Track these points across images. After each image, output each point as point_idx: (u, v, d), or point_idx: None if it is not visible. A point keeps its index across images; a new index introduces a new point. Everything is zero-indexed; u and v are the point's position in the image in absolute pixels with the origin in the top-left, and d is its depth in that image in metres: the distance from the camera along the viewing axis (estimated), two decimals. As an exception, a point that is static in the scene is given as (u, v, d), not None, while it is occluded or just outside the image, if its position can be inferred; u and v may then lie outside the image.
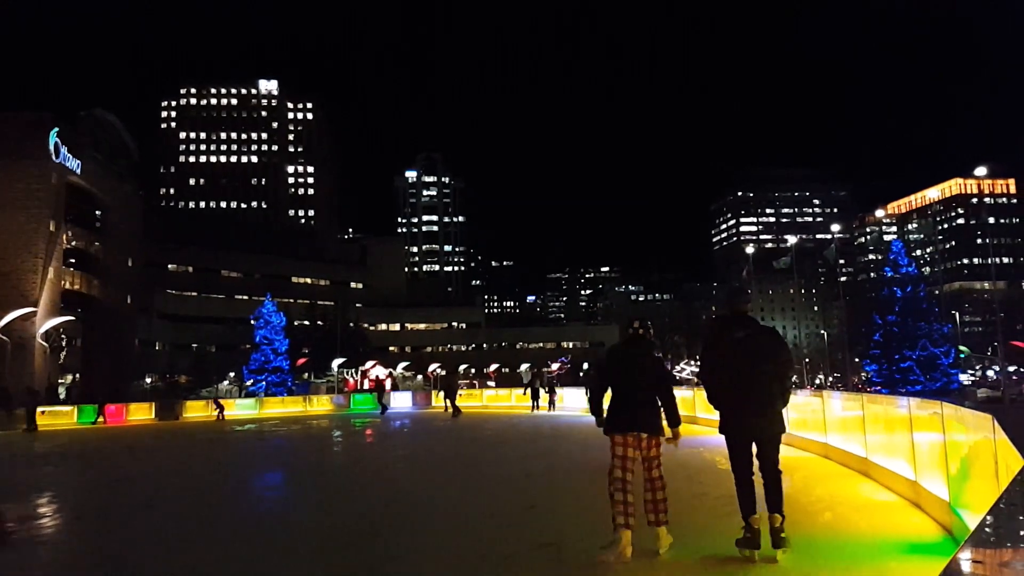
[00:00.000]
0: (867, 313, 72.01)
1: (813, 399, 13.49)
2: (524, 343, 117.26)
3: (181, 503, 10.49)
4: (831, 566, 5.67)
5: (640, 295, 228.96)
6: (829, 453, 11.47)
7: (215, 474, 14.31)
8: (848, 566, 5.67)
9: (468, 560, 6.37)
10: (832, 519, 7.48)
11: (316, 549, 7.07)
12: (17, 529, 8.90)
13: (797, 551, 6.12)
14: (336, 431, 25.05)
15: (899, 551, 6.18)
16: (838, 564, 5.72)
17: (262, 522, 8.97)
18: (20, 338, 47.55)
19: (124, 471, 14.97)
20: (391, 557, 6.64)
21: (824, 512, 7.77)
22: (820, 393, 13.81)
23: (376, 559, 6.57)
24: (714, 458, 12.48)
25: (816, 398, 13.32)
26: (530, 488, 10.42)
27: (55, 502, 11.14)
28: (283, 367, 62.32)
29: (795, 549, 6.15)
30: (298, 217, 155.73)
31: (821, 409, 12.28)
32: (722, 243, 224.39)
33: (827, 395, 13.06)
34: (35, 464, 17.16)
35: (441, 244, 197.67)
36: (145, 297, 73.55)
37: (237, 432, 26.85)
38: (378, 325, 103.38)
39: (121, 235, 63.84)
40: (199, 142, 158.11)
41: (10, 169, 49.98)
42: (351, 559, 6.61)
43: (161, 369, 76.85)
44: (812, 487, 9.36)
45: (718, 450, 13.41)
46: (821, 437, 12.00)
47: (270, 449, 20.52)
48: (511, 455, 15.75)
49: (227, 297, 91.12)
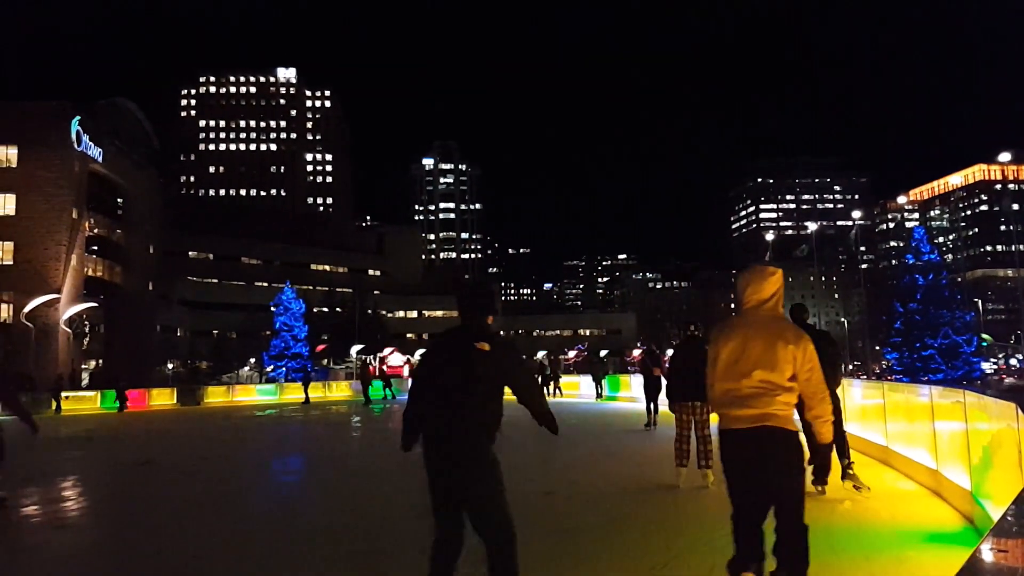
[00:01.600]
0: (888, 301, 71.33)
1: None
2: (541, 330, 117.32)
3: (201, 488, 10.60)
4: (851, 555, 5.63)
5: (657, 283, 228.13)
6: (849, 442, 11.38)
7: (235, 459, 14.45)
8: (868, 555, 5.63)
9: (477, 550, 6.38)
10: (851, 508, 7.43)
11: (331, 535, 7.12)
12: (9, 497, 9.11)
13: (816, 541, 6.09)
14: (355, 417, 25.22)
15: (920, 540, 6.13)
16: (857, 553, 5.68)
17: (279, 508, 9.05)
18: (44, 324, 48.23)
19: (146, 456, 15.14)
20: (405, 543, 6.67)
21: (844, 501, 7.72)
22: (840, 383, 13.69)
23: (390, 544, 6.61)
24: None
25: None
26: (547, 475, 10.44)
27: (79, 486, 11.29)
28: (303, 353, 62.79)
29: (814, 538, 6.12)
30: (316, 205, 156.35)
31: (841, 397, 12.18)
32: (741, 230, 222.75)
33: (847, 383, 12.95)
34: (60, 448, 17.40)
35: (458, 231, 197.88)
36: (166, 284, 74.26)
37: (258, 418, 27.13)
38: (396, 312, 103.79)
39: (142, 222, 64.40)
40: (218, 130, 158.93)
41: (33, 158, 50.54)
42: (365, 545, 6.64)
43: (182, 355, 77.60)
44: (831, 476, 9.30)
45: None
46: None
47: (289, 435, 20.69)
48: (528, 442, 15.78)
49: (247, 284, 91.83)
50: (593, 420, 20.27)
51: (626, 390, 28.35)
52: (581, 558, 5.81)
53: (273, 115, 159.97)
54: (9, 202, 50.95)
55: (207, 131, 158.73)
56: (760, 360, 4.09)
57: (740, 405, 4.09)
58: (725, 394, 4.18)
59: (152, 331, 68.27)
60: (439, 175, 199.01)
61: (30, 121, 50.26)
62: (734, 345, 4.20)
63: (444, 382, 4.12)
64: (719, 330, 4.40)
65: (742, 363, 4.13)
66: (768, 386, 4.05)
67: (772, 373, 4.05)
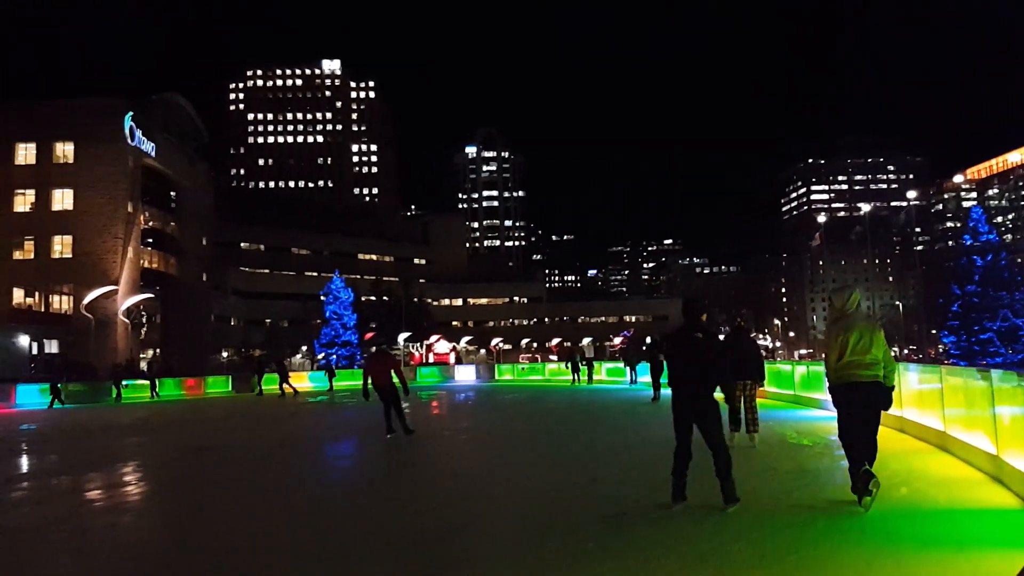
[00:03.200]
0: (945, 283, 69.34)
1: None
2: (586, 317, 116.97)
3: (257, 472, 10.86)
4: (908, 542, 5.54)
5: (705, 268, 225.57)
6: (904, 427, 11.18)
7: (289, 445, 14.74)
8: (926, 542, 5.52)
9: (530, 531, 6.44)
10: (908, 494, 7.29)
11: (381, 520, 7.24)
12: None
13: (872, 527, 6.00)
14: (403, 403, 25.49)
15: (980, 526, 5.99)
16: (915, 540, 5.58)
17: (330, 492, 9.23)
18: (103, 315, 49.73)
19: (203, 441, 15.56)
20: (453, 528, 6.75)
21: (900, 487, 7.57)
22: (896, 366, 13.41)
23: (439, 530, 6.69)
24: (784, 432, 12.30)
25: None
26: (593, 461, 10.45)
27: (139, 471, 11.66)
28: (352, 341, 63.79)
29: (871, 525, 6.03)
30: (362, 195, 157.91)
31: (897, 382, 11.94)
32: (791, 212, 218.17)
33: (903, 367, 12.67)
34: (120, 435, 17.98)
35: (501, 219, 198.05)
36: (219, 274, 76.00)
37: (310, 404, 27.65)
38: (441, 300, 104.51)
39: (195, 215, 65.88)
40: (266, 123, 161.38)
41: (88, 153, 51.98)
42: (414, 529, 6.74)
43: (237, 343, 79.38)
44: (887, 462, 9.11)
45: (789, 424, 13.24)
46: (896, 411, 11.68)
47: (341, 420, 21.04)
48: (575, 429, 15.80)
49: (297, 274, 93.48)
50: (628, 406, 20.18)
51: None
52: (630, 544, 5.81)
53: (319, 107, 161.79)
54: (67, 197, 52.55)
55: (255, 124, 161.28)
56: (876, 343, 6.72)
57: (864, 368, 6.66)
58: (852, 363, 6.68)
59: (207, 320, 69.92)
60: (482, 163, 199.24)
61: (85, 118, 51.63)
62: (856, 334, 6.70)
63: (684, 357, 6.89)
64: (840, 326, 6.82)
65: (863, 344, 6.68)
66: (876, 359, 6.70)
67: (877, 351, 6.72)
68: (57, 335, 47.74)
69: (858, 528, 5.95)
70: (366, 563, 5.73)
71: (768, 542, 5.64)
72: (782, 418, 14.35)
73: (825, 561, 5.15)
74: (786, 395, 17.74)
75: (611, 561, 5.35)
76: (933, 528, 5.93)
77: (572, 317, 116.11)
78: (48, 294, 52.75)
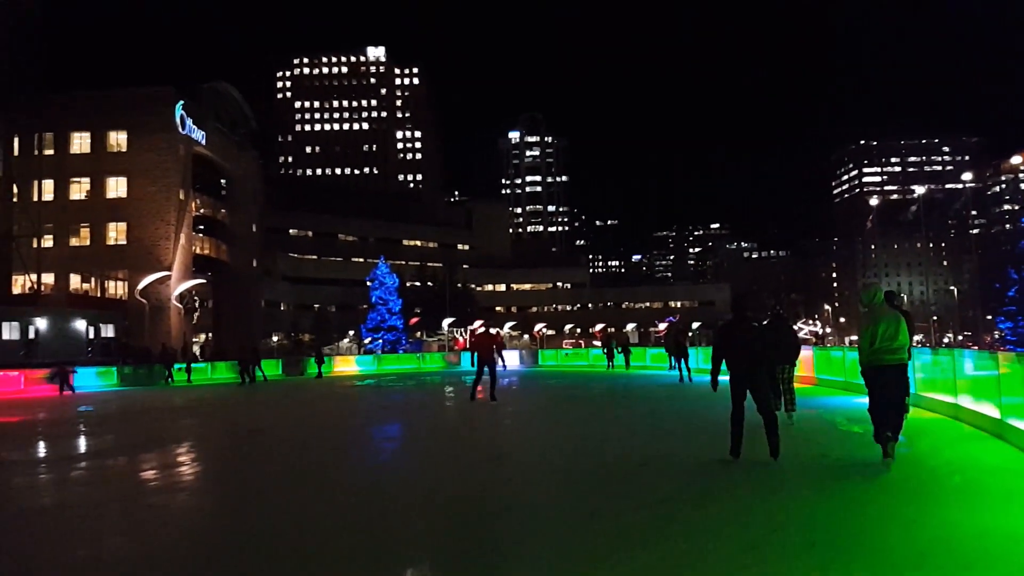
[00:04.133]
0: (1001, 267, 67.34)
1: (942, 358, 12.82)
2: (630, 303, 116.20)
3: (305, 453, 11.06)
4: (963, 531, 5.40)
5: (753, 252, 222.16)
6: (959, 415, 10.91)
7: (338, 426, 14.98)
8: (981, 532, 5.38)
9: (576, 515, 6.45)
10: (962, 483, 7.13)
11: (426, 502, 7.31)
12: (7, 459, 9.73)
13: (927, 516, 5.87)
14: (448, 387, 25.74)
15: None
16: (970, 529, 5.45)
17: (377, 474, 9.35)
18: (156, 300, 51.01)
19: (255, 423, 15.91)
20: (498, 511, 6.79)
21: (953, 475, 7.41)
22: (950, 352, 13.08)
23: (483, 513, 6.74)
24: (834, 419, 12.10)
25: (945, 357, 12.64)
26: (638, 447, 10.40)
27: (193, 451, 11.96)
28: (397, 326, 64.49)
29: (924, 513, 5.91)
30: (407, 181, 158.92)
31: (951, 369, 11.66)
32: (843, 195, 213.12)
33: (958, 354, 12.35)
34: (174, 417, 18.46)
35: (545, 204, 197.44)
36: (268, 260, 77.42)
37: (358, 387, 28.09)
38: (484, 286, 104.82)
39: (244, 202, 67.09)
40: (312, 111, 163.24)
41: (140, 142, 53.22)
42: (459, 512, 6.81)
43: (286, 328, 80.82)
44: (941, 450, 8.95)
45: (839, 411, 13.01)
46: (950, 398, 11.43)
47: (387, 404, 21.30)
48: (619, 414, 15.76)
49: (344, 260, 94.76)
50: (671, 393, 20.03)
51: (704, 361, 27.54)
52: (679, 529, 5.79)
53: (364, 94, 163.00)
54: (121, 185, 53.91)
55: (302, 112, 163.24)
56: (900, 331, 7.88)
57: (891, 353, 7.83)
58: (881, 349, 7.84)
59: (257, 305, 71.31)
60: (525, 148, 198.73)
61: (137, 107, 52.80)
62: (884, 324, 7.86)
63: (736, 346, 8.23)
64: (868, 318, 8.00)
65: (890, 332, 7.83)
66: (902, 344, 7.89)
67: (904, 338, 7.90)
68: (113, 320, 49.11)
69: (912, 518, 5.83)
70: (412, 545, 5.80)
71: (819, 529, 5.56)
72: (832, 405, 14.12)
73: (877, 550, 5.06)
74: (836, 382, 17.43)
75: (661, 545, 5.33)
76: (988, 518, 5.77)
77: (616, 303, 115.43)
78: (104, 280, 54.29)
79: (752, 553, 5.05)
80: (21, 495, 8.58)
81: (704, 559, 4.98)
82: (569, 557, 5.23)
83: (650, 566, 4.90)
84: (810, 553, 5.00)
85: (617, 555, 5.16)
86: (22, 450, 12.83)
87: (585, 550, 5.34)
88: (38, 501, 8.25)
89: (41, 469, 10.77)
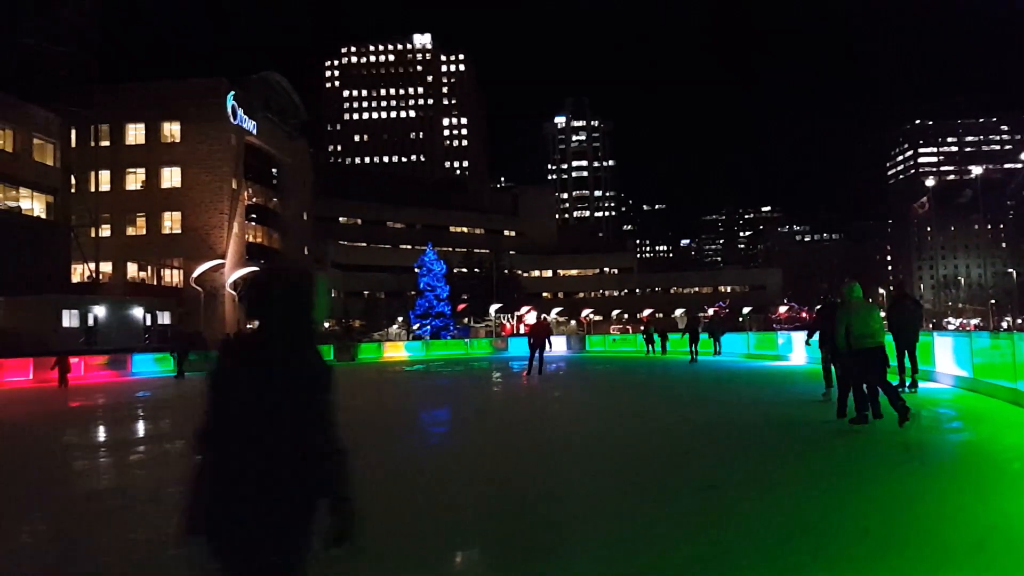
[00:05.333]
0: (1068, 249, 64.81)
1: (1001, 342, 12.44)
2: (678, 288, 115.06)
3: (356, 437, 11.16)
4: (1022, 520, 5.25)
5: (805, 235, 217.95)
6: (1019, 400, 10.60)
7: (387, 410, 15.15)
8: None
9: (626, 500, 6.43)
10: (1022, 470, 6.92)
11: (475, 485, 7.37)
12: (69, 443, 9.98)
13: (983, 503, 5.72)
14: (496, 373, 25.86)
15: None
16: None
17: (426, 457, 9.45)
18: (211, 288, 52.17)
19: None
20: (546, 494, 6.80)
21: (1013, 462, 7.20)
22: (1009, 336, 12.67)
23: (531, 496, 6.77)
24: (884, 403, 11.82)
25: (1004, 341, 12.26)
26: (688, 435, 10.32)
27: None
28: (445, 312, 64.95)
29: (982, 501, 5.76)
30: (453, 168, 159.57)
31: (1011, 353, 11.30)
32: (898, 176, 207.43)
33: (1018, 338, 11.96)
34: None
35: (591, 189, 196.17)
36: (319, 248, 78.60)
37: (406, 372, 28.41)
38: (531, 272, 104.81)
39: (295, 191, 68.11)
40: (360, 99, 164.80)
41: (193, 132, 54.32)
42: (508, 496, 6.84)
43: (337, 314, 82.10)
44: (1000, 435, 8.71)
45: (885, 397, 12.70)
46: (1010, 383, 11.09)
47: (436, 389, 21.48)
48: (667, 400, 15.65)
49: (392, 247, 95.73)
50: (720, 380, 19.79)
51: (769, 347, 27.11)
52: (727, 515, 5.73)
53: (411, 82, 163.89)
54: (175, 175, 55.15)
55: (350, 101, 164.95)
56: (872, 320, 9.40)
57: (867, 338, 9.24)
58: (859, 336, 9.23)
59: (309, 293, 72.40)
60: (571, 133, 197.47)
61: (190, 98, 53.85)
62: (859, 315, 9.36)
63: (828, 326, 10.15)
64: (844, 311, 9.50)
65: (862, 320, 9.31)
66: (874, 330, 9.35)
67: (875, 323, 9.42)
68: (169, 307, 50.39)
69: (969, 505, 5.68)
70: (460, 528, 5.86)
71: (873, 516, 5.45)
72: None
73: (932, 538, 4.94)
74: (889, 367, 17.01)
75: (710, 530, 5.29)
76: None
77: (664, 288, 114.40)
78: (160, 268, 55.71)
79: (803, 539, 5.00)
80: (83, 478, 8.90)
81: (755, 545, 4.93)
82: (618, 542, 5.22)
83: (699, 551, 4.87)
84: (863, 540, 4.91)
85: (666, 540, 5.15)
86: (83, 435, 13.28)
87: (633, 535, 5.33)
88: (99, 484, 8.56)
89: (101, 453, 11.14)
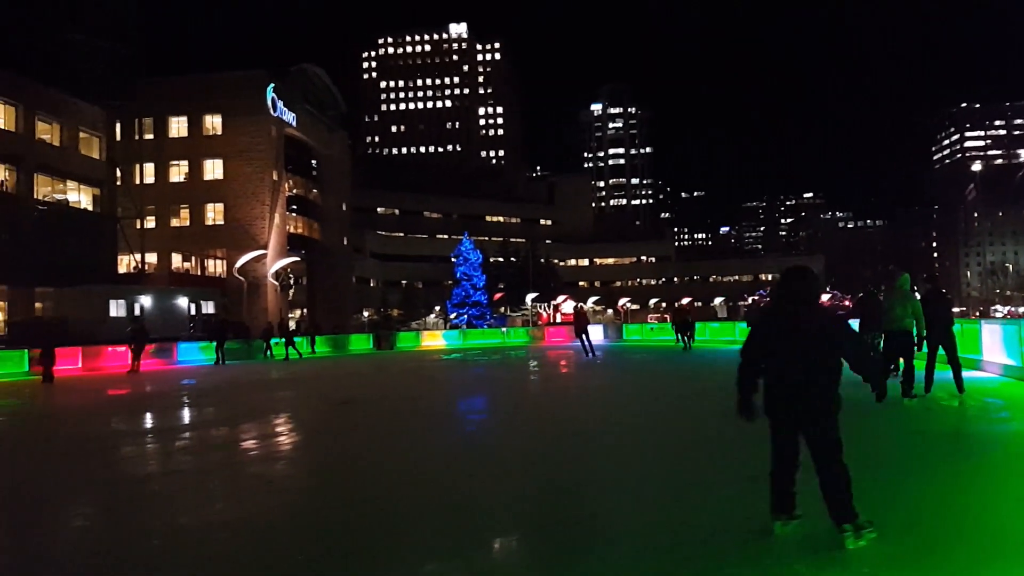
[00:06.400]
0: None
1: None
2: (717, 276, 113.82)
3: (395, 424, 11.30)
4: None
5: (848, 222, 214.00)
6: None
7: (425, 398, 15.23)
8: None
9: (672, 486, 6.37)
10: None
11: (511, 473, 7.36)
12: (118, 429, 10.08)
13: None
14: (532, 361, 25.85)
15: None
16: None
17: (463, 445, 9.47)
18: (254, 278, 52.95)
19: (347, 395, 16.37)
20: (583, 485, 6.77)
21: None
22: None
23: (568, 484, 6.75)
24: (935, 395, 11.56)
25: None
26: (729, 424, 10.18)
27: (290, 422, 12.40)
28: (482, 301, 65.14)
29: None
30: (489, 158, 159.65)
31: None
32: (943, 161, 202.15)
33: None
34: (272, 389, 19.18)
35: (628, 177, 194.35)
36: (358, 238, 79.40)
37: (444, 361, 28.55)
38: (567, 260, 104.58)
39: (335, 181, 68.76)
40: (397, 90, 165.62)
41: (234, 125, 55.03)
42: (545, 484, 6.82)
43: (376, 303, 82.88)
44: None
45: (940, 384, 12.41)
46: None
47: (473, 377, 21.57)
48: (713, 390, 15.49)
49: (429, 236, 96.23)
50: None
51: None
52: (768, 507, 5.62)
53: (447, 72, 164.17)
54: (217, 167, 55.98)
55: (387, 92, 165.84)
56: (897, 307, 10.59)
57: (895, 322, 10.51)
58: (890, 319, 10.51)
59: (349, 282, 73.28)
60: (608, 120, 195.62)
61: (231, 91, 54.53)
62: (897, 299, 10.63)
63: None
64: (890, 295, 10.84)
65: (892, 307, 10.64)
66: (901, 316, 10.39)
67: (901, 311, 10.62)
68: (213, 297, 51.29)
69: (1020, 497, 5.51)
70: (497, 516, 5.85)
71: (924, 508, 5.31)
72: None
73: (984, 531, 4.80)
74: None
75: (752, 521, 5.20)
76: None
77: (703, 276, 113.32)
78: (203, 258, 56.67)
79: (850, 531, 4.87)
80: (131, 464, 9.10)
81: (797, 536, 4.84)
82: (657, 527, 5.17)
83: (741, 541, 4.80)
84: (912, 532, 4.80)
85: (706, 531, 5.08)
86: (131, 421, 13.58)
87: (672, 526, 5.27)
88: (146, 469, 8.74)
89: (149, 439, 11.38)
